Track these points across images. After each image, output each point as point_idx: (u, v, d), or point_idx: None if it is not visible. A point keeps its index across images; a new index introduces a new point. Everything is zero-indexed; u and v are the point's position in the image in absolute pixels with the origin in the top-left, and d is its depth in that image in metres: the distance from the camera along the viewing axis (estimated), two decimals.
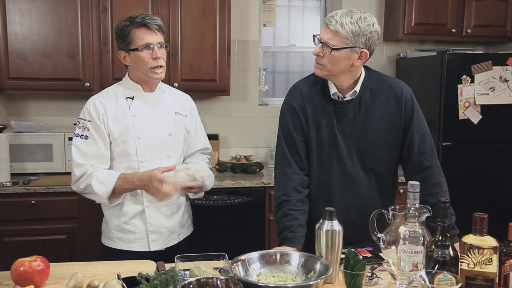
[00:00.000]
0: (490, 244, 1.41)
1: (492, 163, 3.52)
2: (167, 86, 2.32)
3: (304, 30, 4.17)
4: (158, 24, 2.07)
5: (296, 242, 1.83)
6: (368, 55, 1.87)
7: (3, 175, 2.99)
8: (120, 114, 2.11)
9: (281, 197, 1.94)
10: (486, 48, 4.15)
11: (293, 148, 1.98)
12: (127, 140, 2.10)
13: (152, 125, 2.14)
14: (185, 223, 2.30)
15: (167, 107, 2.21)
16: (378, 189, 2.00)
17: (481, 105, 3.44)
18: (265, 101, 4.08)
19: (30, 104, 3.58)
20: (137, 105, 2.14)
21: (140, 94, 2.16)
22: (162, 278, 1.34)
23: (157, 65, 2.07)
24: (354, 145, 1.95)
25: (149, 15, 2.09)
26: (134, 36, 2.05)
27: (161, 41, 2.09)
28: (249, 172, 3.47)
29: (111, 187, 2.04)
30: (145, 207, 2.13)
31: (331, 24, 1.82)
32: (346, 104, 1.95)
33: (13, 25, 3.15)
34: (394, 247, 1.66)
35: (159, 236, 2.17)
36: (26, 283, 1.50)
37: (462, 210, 2.08)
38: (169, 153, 2.18)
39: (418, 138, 1.96)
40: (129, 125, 2.11)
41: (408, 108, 1.95)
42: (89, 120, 2.10)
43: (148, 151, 2.13)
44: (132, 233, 2.15)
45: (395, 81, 2.02)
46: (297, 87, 2.05)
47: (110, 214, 2.18)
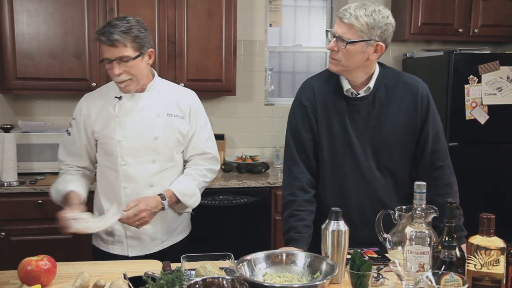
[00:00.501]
0: (497, 245, 1.40)
1: (499, 163, 3.50)
2: (167, 86, 2.18)
3: (310, 30, 4.16)
4: (113, 40, 1.89)
5: (302, 243, 1.82)
6: (384, 48, 1.83)
7: (10, 175, 3.00)
8: (105, 114, 2.05)
9: (287, 197, 1.94)
10: (494, 48, 4.13)
11: (301, 147, 1.95)
12: (108, 141, 2.04)
13: (136, 127, 2.04)
14: (173, 230, 2.18)
15: (157, 109, 2.07)
16: (394, 189, 1.96)
17: (488, 105, 3.42)
18: (271, 101, 4.08)
19: (37, 104, 3.60)
20: (124, 106, 2.04)
21: (129, 94, 2.05)
22: (168, 278, 1.34)
23: (117, 80, 1.97)
24: (368, 142, 1.91)
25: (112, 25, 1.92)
26: (101, 47, 1.97)
27: (123, 55, 1.91)
28: (255, 172, 3.47)
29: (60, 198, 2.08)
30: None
31: (345, 17, 1.78)
32: (359, 101, 1.91)
33: (20, 25, 3.17)
34: (400, 247, 1.65)
35: (139, 242, 2.10)
36: (33, 282, 1.51)
37: (469, 211, 2.07)
38: (154, 158, 2.06)
39: (433, 136, 1.93)
40: (111, 126, 2.03)
41: (424, 105, 1.92)
42: (73, 117, 2.12)
43: (130, 155, 2.03)
44: (111, 234, 2.10)
45: (410, 77, 1.98)
46: (308, 83, 2.01)
47: (95, 209, 2.16)
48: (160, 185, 2.08)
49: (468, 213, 2.01)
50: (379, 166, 1.93)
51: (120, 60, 1.92)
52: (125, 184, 2.05)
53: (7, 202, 2.99)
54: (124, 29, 1.91)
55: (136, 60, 1.95)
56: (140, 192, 2.04)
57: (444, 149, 1.96)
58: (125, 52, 1.92)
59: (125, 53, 1.92)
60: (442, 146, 1.96)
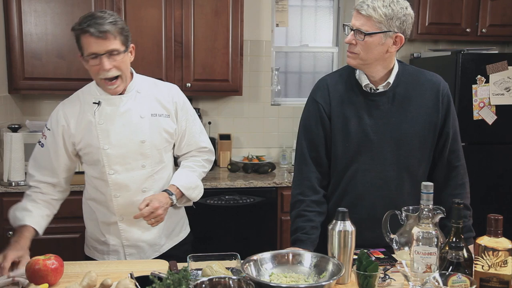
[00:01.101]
0: (505, 246, 1.39)
1: (507, 164, 3.48)
2: (148, 83, 2.02)
3: (317, 30, 4.16)
4: (103, 31, 1.75)
5: (309, 244, 1.81)
6: (404, 39, 1.80)
7: (17, 174, 3.02)
8: (84, 123, 1.90)
9: (296, 196, 1.92)
10: (502, 48, 4.11)
11: (312, 144, 1.93)
12: (92, 151, 1.90)
13: (120, 132, 1.90)
14: (171, 233, 2.09)
15: (139, 110, 1.93)
16: (409, 190, 1.91)
17: (496, 106, 3.41)
18: (278, 101, 4.07)
19: (45, 104, 3.62)
20: (104, 111, 1.89)
21: (107, 98, 1.90)
22: (174, 278, 1.35)
23: (106, 77, 1.81)
24: (388, 139, 1.87)
25: (98, 16, 1.78)
26: (82, 43, 1.79)
27: (112, 48, 1.78)
28: (261, 172, 3.47)
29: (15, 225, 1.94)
30: (118, 220, 1.96)
31: (363, 9, 1.74)
32: (378, 96, 1.87)
33: (28, 25, 3.19)
34: (407, 248, 1.65)
35: (137, 250, 2.00)
36: (41, 281, 1.52)
37: (477, 212, 2.06)
38: (144, 163, 1.94)
39: (452, 135, 1.91)
40: (93, 135, 1.89)
41: (445, 102, 1.89)
42: (48, 128, 1.94)
43: (117, 163, 1.90)
44: (105, 245, 2.00)
45: (431, 74, 1.94)
46: (324, 80, 1.98)
47: (87, 220, 2.06)
48: (152, 189, 1.97)
49: (476, 214, 2.00)
50: (398, 164, 1.88)
51: (110, 54, 1.78)
52: (116, 193, 1.93)
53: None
54: (112, 20, 1.79)
55: (125, 54, 1.84)
56: (133, 200, 1.93)
57: (460, 149, 1.94)
58: (114, 45, 1.78)
59: (115, 46, 1.79)
60: (459, 146, 1.94)
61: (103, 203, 1.97)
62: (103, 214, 1.98)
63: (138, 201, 1.90)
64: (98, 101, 1.91)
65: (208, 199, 3.17)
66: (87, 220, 2.07)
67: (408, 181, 1.90)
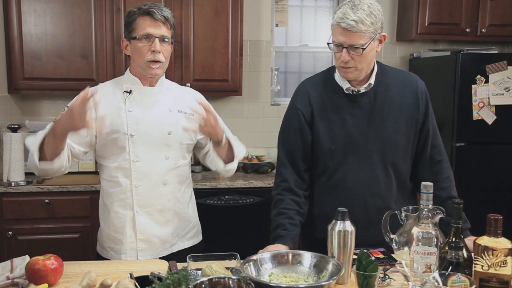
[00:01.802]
0: (505, 246, 1.40)
1: (507, 164, 3.48)
2: (173, 84, 2.13)
3: (317, 30, 4.16)
4: (164, 16, 1.90)
5: (289, 240, 1.81)
6: (386, 35, 1.87)
7: (17, 174, 3.02)
8: (114, 108, 1.94)
9: (275, 196, 1.96)
10: (501, 48, 4.11)
11: (289, 151, 1.97)
12: (118, 137, 1.91)
13: (149, 121, 1.95)
14: (184, 234, 2.09)
15: (168, 104, 2.01)
16: (397, 187, 1.95)
17: (496, 106, 3.41)
18: (277, 101, 4.08)
19: (44, 104, 3.62)
20: (134, 100, 1.96)
21: (139, 88, 1.97)
22: (174, 278, 1.35)
23: (153, 59, 1.89)
24: (373, 139, 1.91)
25: (158, 5, 1.92)
26: (137, 24, 1.89)
27: (165, 35, 1.91)
28: (261, 172, 3.47)
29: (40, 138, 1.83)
30: (136, 213, 1.96)
31: (351, 26, 1.76)
32: (360, 97, 1.91)
33: (28, 25, 3.19)
34: (407, 248, 1.65)
35: (149, 246, 1.99)
36: (40, 281, 1.52)
37: (476, 211, 2.06)
38: (168, 154, 1.98)
39: (432, 131, 1.96)
40: (122, 121, 1.93)
41: (423, 100, 1.95)
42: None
43: (142, 150, 1.93)
44: (121, 243, 1.98)
45: (408, 73, 2.02)
46: (304, 85, 2.03)
47: (103, 222, 2.04)
48: (173, 183, 2.00)
49: (475, 214, 2.00)
50: (384, 162, 1.92)
51: (162, 40, 1.90)
52: (137, 182, 1.94)
53: (14, 201, 3.01)
54: (170, 12, 1.95)
55: (171, 45, 1.97)
56: (153, 191, 1.96)
57: (441, 144, 2.00)
58: (167, 33, 1.92)
59: (168, 34, 1.92)
60: (440, 141, 2.00)
61: (121, 195, 1.96)
62: (120, 209, 1.97)
63: (158, 193, 1.96)
64: (130, 90, 1.97)
65: (208, 199, 3.18)
66: (103, 221, 2.05)
67: (395, 178, 1.95)
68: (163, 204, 1.99)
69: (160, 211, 1.98)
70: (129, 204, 1.96)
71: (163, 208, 1.99)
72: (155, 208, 1.98)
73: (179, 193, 2.04)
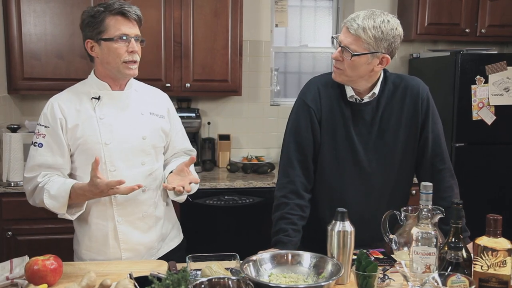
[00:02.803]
0: (504, 246, 1.40)
1: (506, 164, 3.48)
2: (140, 84, 2.03)
3: (316, 30, 4.16)
4: (137, 15, 1.83)
5: (290, 247, 1.79)
6: (390, 60, 1.80)
7: (17, 175, 3.02)
8: (84, 117, 1.84)
9: (280, 199, 1.90)
10: (501, 48, 4.11)
11: (301, 149, 1.92)
12: (93, 146, 1.82)
13: (122, 128, 1.87)
14: (166, 236, 2.05)
15: (140, 107, 1.93)
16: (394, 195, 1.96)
17: (495, 106, 3.41)
18: (277, 101, 4.08)
19: (44, 104, 3.57)
20: (104, 106, 1.87)
21: (108, 93, 1.88)
22: (173, 278, 1.35)
23: (132, 59, 1.82)
24: (372, 148, 1.91)
25: (126, 3, 1.83)
26: (109, 25, 1.79)
27: (139, 34, 1.85)
28: (260, 172, 3.47)
29: (65, 201, 1.77)
30: (117, 223, 1.88)
31: (352, 28, 1.74)
32: (364, 106, 1.89)
33: (27, 26, 3.18)
34: (407, 248, 1.65)
35: (134, 254, 1.92)
36: (40, 281, 1.52)
37: (475, 212, 2.06)
38: (144, 160, 1.90)
39: (433, 139, 1.92)
40: (94, 130, 1.83)
41: (424, 106, 1.91)
42: (45, 125, 1.86)
43: (119, 159, 1.85)
44: (105, 254, 1.89)
45: (411, 79, 1.96)
46: (315, 83, 1.97)
47: (81, 233, 1.93)
48: (151, 189, 1.94)
49: (475, 214, 2.00)
50: (382, 171, 1.93)
51: (136, 40, 1.84)
52: None
53: (14, 201, 3.00)
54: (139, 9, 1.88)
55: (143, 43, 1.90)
56: (133, 199, 1.88)
57: (444, 152, 1.95)
58: (139, 32, 1.86)
59: (139, 33, 1.86)
60: (443, 150, 1.94)
61: (100, 207, 1.88)
62: (100, 220, 1.89)
63: (138, 201, 1.89)
64: (98, 96, 1.88)
65: (207, 200, 3.17)
66: (84, 237, 1.92)
67: (393, 186, 1.95)
68: (144, 211, 1.92)
69: (142, 218, 1.92)
70: (110, 215, 1.88)
71: (145, 215, 1.92)
72: (137, 216, 1.91)
73: (157, 198, 1.97)
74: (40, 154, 1.84)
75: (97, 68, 1.91)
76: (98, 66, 1.90)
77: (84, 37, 1.87)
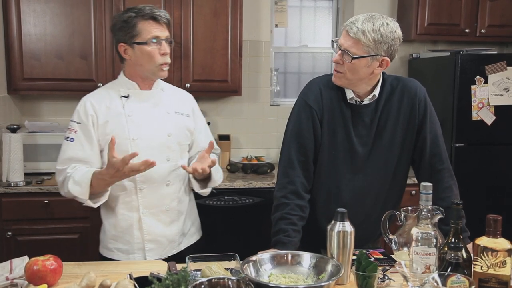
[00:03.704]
0: (504, 247, 1.40)
1: (506, 164, 3.48)
2: (167, 85, 2.15)
3: (316, 30, 4.16)
4: (167, 18, 1.95)
5: (290, 248, 1.79)
6: (389, 62, 1.82)
7: (16, 175, 3.02)
8: (113, 114, 1.96)
9: (280, 199, 1.90)
10: (500, 49, 4.11)
11: (302, 149, 1.92)
12: (121, 142, 1.91)
13: (149, 125, 1.99)
14: (187, 231, 2.15)
15: (166, 106, 2.05)
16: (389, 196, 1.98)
17: (495, 106, 3.41)
18: (277, 101, 4.08)
19: (44, 104, 3.62)
20: (133, 104, 1.99)
21: (136, 92, 2.01)
22: (173, 278, 1.35)
23: (165, 61, 1.95)
24: (370, 149, 1.92)
25: (157, 8, 1.96)
26: (142, 29, 1.90)
27: (169, 36, 1.98)
28: (260, 172, 3.47)
29: (87, 187, 1.86)
30: (141, 214, 1.99)
31: (352, 31, 1.76)
32: (364, 108, 1.90)
33: (27, 26, 3.19)
34: (406, 248, 1.65)
35: (157, 245, 2.02)
36: (39, 282, 1.52)
37: (475, 212, 2.06)
38: (169, 156, 2.02)
39: (431, 139, 1.92)
40: (123, 126, 1.96)
41: (421, 107, 1.92)
42: (77, 122, 1.96)
43: (145, 154, 1.91)
44: (129, 244, 2.01)
45: (408, 80, 1.97)
46: (316, 84, 1.97)
47: (107, 223, 2.05)
48: (175, 183, 2.05)
49: (474, 214, 2.00)
50: (379, 172, 1.94)
51: (167, 41, 1.96)
52: (141, 185, 1.98)
53: (13, 202, 3.01)
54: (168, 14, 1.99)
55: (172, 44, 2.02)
56: (157, 193, 2.00)
57: (443, 153, 1.95)
58: (169, 34, 1.98)
59: (169, 36, 1.98)
60: (441, 150, 1.95)
61: (126, 198, 1.99)
62: (126, 211, 2.00)
63: (162, 194, 2.01)
64: (127, 94, 2.00)
65: (207, 200, 3.17)
66: (110, 227, 2.04)
67: (388, 187, 1.96)
68: (167, 204, 2.03)
69: (165, 211, 2.03)
70: (135, 206, 2.00)
71: (168, 208, 2.03)
72: (160, 209, 2.02)
73: (180, 193, 2.08)
74: (71, 148, 1.95)
75: (126, 69, 2.03)
76: (128, 67, 2.01)
77: (117, 40, 1.98)
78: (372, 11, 1.88)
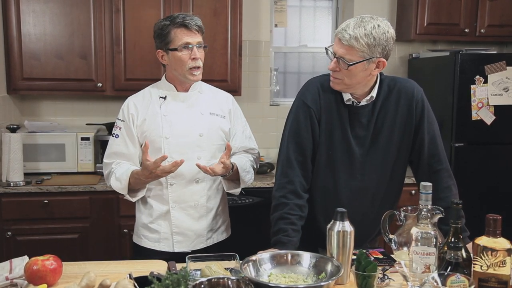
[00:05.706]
0: (504, 246, 1.40)
1: (506, 164, 3.48)
2: (207, 87, 2.29)
3: (316, 30, 4.16)
4: (198, 25, 2.08)
5: (290, 247, 1.79)
6: (386, 62, 1.82)
7: (16, 175, 3.02)
8: (151, 114, 2.12)
9: (279, 199, 1.90)
10: (500, 48, 4.11)
11: (300, 149, 1.92)
12: (155, 139, 2.09)
13: (182, 124, 2.12)
14: (217, 228, 2.24)
15: (201, 107, 2.17)
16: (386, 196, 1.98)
17: (495, 106, 3.41)
18: (276, 101, 4.08)
19: (43, 104, 3.61)
20: (169, 105, 2.14)
21: (173, 94, 2.15)
22: (173, 278, 1.35)
23: (195, 65, 2.08)
24: (367, 149, 1.92)
25: (189, 15, 2.09)
26: (174, 36, 2.05)
27: (200, 41, 2.10)
28: (260, 172, 3.47)
29: (126, 184, 2.05)
30: (171, 208, 2.12)
31: (345, 39, 1.76)
32: (361, 109, 1.91)
33: (27, 26, 3.18)
34: (406, 248, 1.65)
35: (184, 238, 2.14)
36: (39, 281, 1.52)
37: (475, 212, 2.06)
38: (200, 154, 2.12)
39: (428, 140, 1.92)
40: (158, 125, 2.11)
41: (418, 108, 1.91)
42: (122, 120, 2.15)
43: (176, 151, 2.08)
44: (156, 233, 2.15)
45: (405, 81, 1.97)
46: (314, 84, 1.97)
47: (139, 212, 2.21)
48: (205, 181, 2.14)
49: (474, 214, 2.00)
50: (376, 172, 1.94)
51: (198, 47, 2.09)
52: (172, 180, 2.10)
53: (13, 202, 3.01)
54: (199, 19, 2.12)
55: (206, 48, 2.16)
56: (186, 188, 2.12)
57: (441, 153, 1.95)
58: (201, 39, 2.11)
59: (202, 40, 2.12)
60: (439, 150, 1.95)
61: (159, 191, 2.13)
62: (157, 204, 2.14)
63: (191, 190, 2.13)
64: (165, 96, 2.15)
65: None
66: (141, 215, 2.20)
67: (385, 187, 1.97)
68: (196, 200, 2.14)
69: (193, 206, 2.14)
70: (165, 200, 2.13)
71: (196, 204, 2.14)
72: (189, 204, 2.13)
73: (210, 191, 2.18)
74: (116, 144, 2.15)
75: (167, 73, 2.19)
76: (167, 71, 2.18)
77: (156, 47, 2.14)
78: (372, 11, 1.89)
